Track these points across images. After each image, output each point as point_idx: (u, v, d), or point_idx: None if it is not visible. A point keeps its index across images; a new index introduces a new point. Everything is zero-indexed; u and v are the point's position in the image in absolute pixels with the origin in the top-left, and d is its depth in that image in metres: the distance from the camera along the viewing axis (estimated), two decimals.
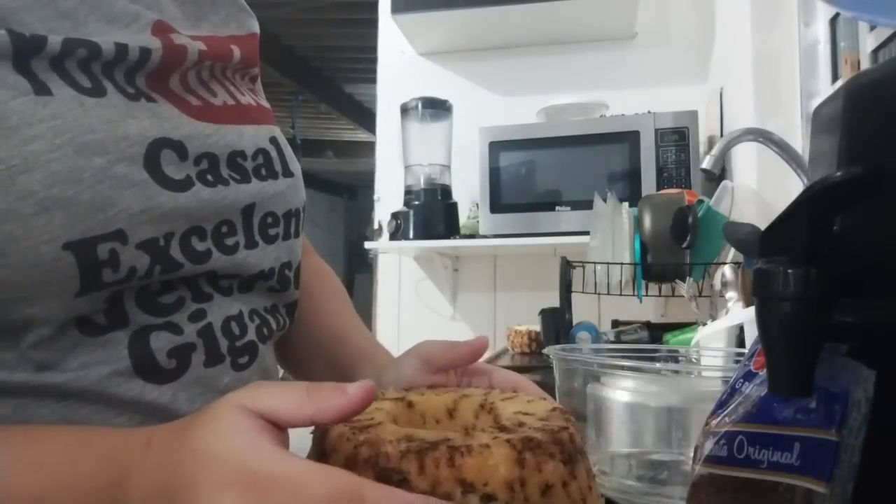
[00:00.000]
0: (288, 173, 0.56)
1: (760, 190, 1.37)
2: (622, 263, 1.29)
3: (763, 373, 0.32)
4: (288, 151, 0.58)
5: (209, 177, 0.48)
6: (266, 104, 0.60)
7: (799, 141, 1.26)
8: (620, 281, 1.28)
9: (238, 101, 0.54)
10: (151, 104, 0.46)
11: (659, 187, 1.62)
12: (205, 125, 0.48)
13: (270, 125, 0.57)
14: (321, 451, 0.33)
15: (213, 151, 0.48)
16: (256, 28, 0.60)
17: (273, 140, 0.56)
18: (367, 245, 1.99)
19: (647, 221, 1.29)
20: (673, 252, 1.23)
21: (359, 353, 0.62)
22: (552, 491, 0.31)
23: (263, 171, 0.53)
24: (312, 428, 0.34)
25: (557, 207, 1.72)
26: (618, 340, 1.35)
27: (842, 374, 0.29)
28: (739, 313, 0.91)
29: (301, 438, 0.36)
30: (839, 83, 1.19)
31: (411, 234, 1.82)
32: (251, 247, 0.51)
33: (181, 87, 0.48)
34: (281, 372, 0.61)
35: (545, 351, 0.62)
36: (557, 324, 1.30)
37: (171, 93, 0.48)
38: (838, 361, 0.29)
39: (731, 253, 1.13)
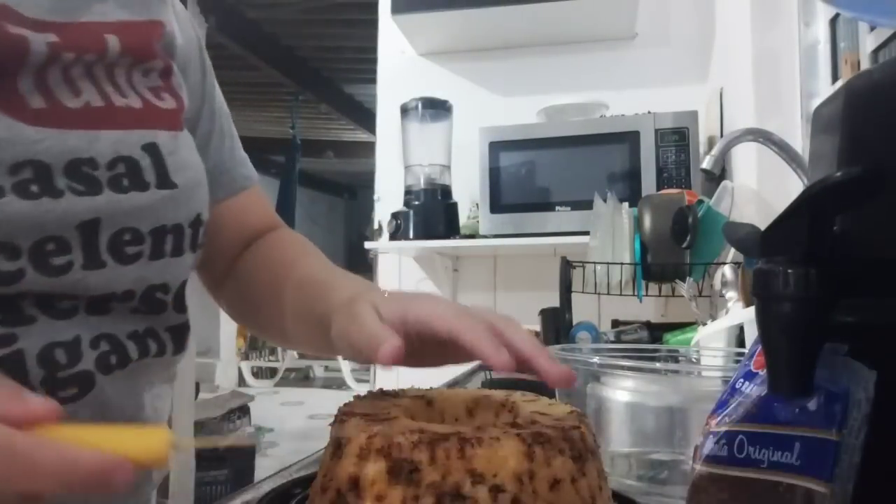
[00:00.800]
0: (166, 185, 0.48)
1: (760, 190, 1.37)
2: (622, 263, 1.29)
3: (763, 373, 0.32)
4: (174, 160, 0.49)
5: (32, 188, 0.42)
6: (172, 105, 0.52)
7: (799, 141, 1.26)
8: (620, 281, 1.28)
9: (110, 103, 0.47)
10: None
11: (659, 187, 1.62)
12: (35, 130, 0.42)
13: (154, 129, 0.49)
14: (337, 442, 0.34)
15: (41, 159, 0.42)
16: (164, 16, 0.53)
17: (150, 147, 0.48)
18: (367, 245, 1.99)
19: (647, 221, 1.29)
20: (673, 252, 1.23)
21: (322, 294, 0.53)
22: (560, 486, 0.32)
23: (125, 182, 0.46)
24: (332, 419, 0.36)
25: (557, 207, 1.72)
26: (618, 340, 1.35)
27: (842, 374, 0.29)
28: (739, 313, 0.91)
29: (303, 431, 0.36)
30: (839, 83, 1.20)
31: (411, 234, 1.82)
32: (93, 267, 0.45)
33: (32, 85, 0.43)
34: (149, 406, 0.51)
35: None
36: (557, 324, 1.30)
37: (13, 92, 0.42)
38: (839, 361, 0.29)
39: (731, 253, 1.13)
